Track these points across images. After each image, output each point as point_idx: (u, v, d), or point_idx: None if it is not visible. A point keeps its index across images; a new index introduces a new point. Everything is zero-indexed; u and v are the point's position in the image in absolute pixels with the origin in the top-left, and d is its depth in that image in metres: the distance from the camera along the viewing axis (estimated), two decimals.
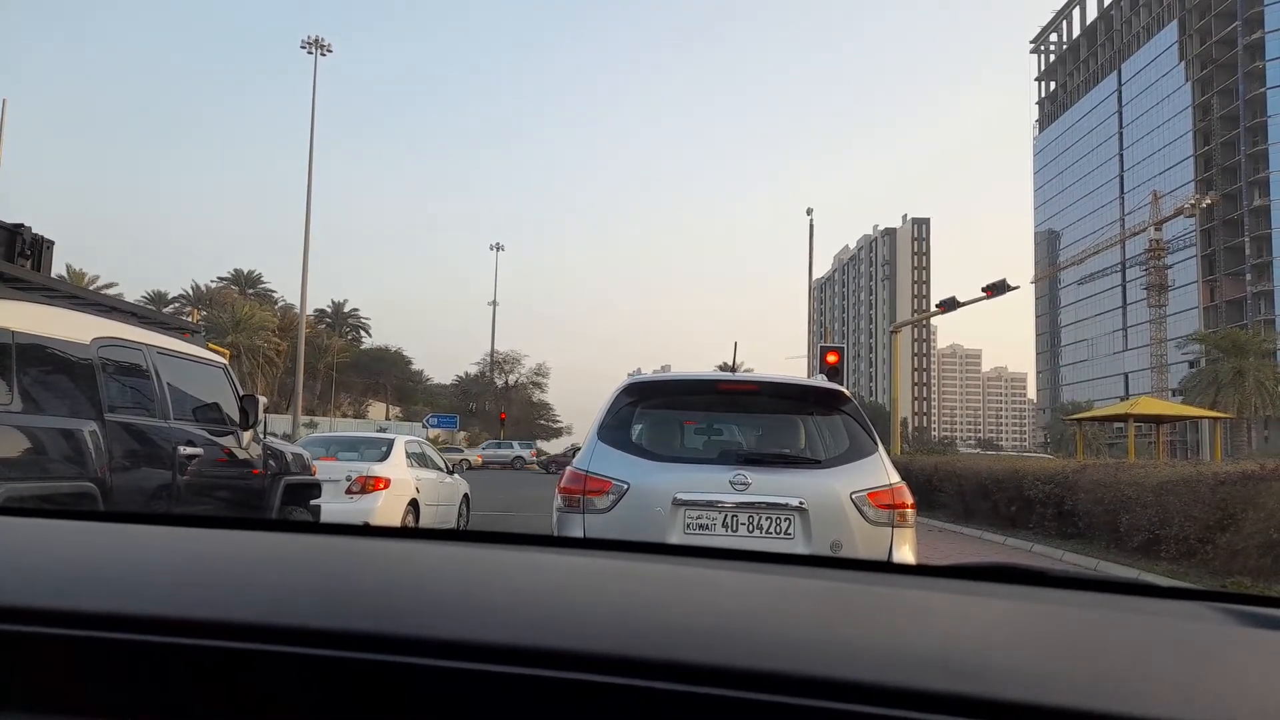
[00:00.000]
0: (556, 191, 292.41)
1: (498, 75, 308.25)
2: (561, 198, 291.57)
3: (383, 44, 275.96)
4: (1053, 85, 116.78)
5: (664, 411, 5.14)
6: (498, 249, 72.31)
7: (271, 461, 6.49)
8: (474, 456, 45.26)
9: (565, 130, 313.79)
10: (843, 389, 5.09)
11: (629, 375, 5.21)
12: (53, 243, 5.37)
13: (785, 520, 4.34)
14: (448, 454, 26.04)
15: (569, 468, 4.72)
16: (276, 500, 6.43)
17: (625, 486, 4.40)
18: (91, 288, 41.77)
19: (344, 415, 71.37)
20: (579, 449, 4.95)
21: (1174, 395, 67.97)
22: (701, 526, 4.35)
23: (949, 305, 24.18)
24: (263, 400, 6.28)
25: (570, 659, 0.62)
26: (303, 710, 0.64)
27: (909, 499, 4.53)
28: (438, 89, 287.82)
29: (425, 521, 10.42)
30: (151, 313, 6.54)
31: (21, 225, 5.15)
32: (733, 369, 5.54)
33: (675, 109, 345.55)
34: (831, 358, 16.92)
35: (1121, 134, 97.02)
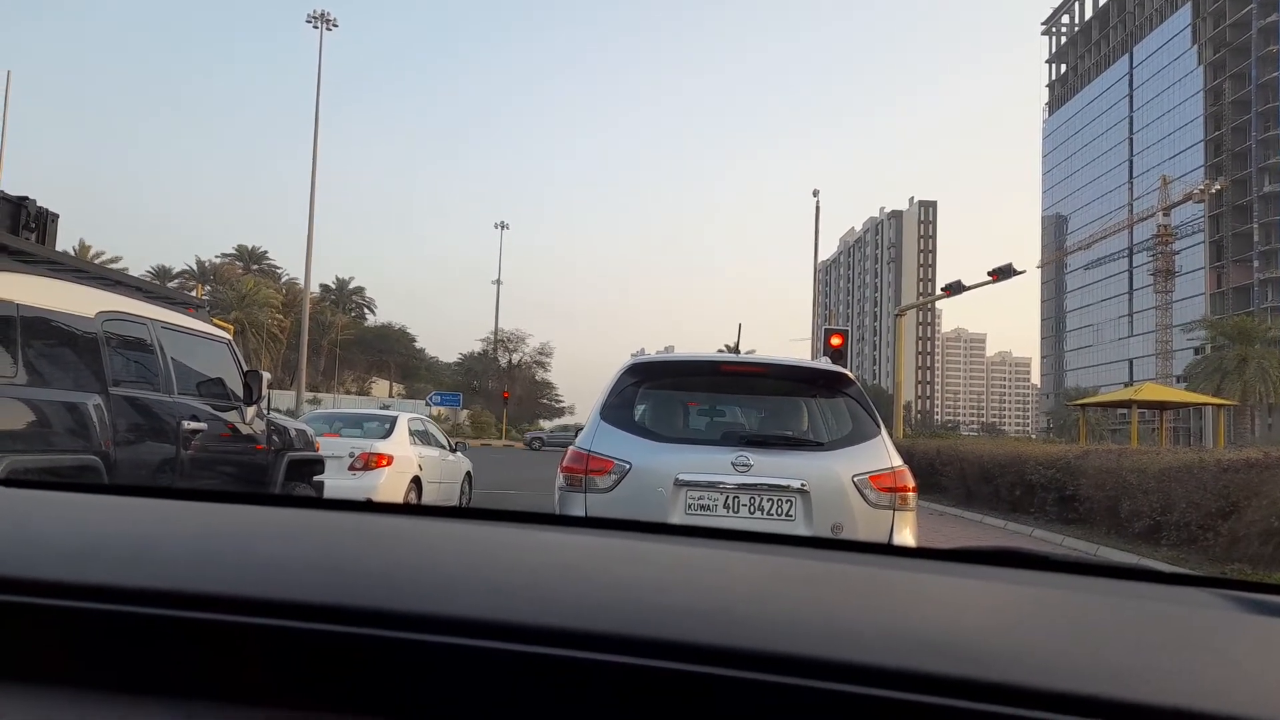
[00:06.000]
0: (561, 173, 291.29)
1: (504, 54, 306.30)
2: (566, 179, 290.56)
3: (389, 20, 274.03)
4: (1063, 68, 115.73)
5: (667, 392, 5.14)
6: (502, 228, 72.22)
7: (275, 437, 6.51)
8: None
9: (571, 111, 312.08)
10: (846, 371, 5.08)
11: (632, 356, 5.21)
12: (57, 216, 5.36)
13: (787, 502, 4.35)
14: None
15: (571, 447, 4.73)
16: (280, 476, 6.45)
17: (627, 466, 4.41)
18: (97, 262, 41.76)
19: (347, 392, 71.54)
20: (580, 428, 4.96)
21: (1178, 382, 67.83)
22: (703, 507, 4.36)
23: (954, 289, 24.09)
24: (266, 376, 6.28)
25: (571, 637, 0.62)
26: (305, 684, 0.64)
27: (911, 482, 4.53)
28: (443, 67, 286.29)
29: (428, 499, 10.47)
30: (156, 287, 6.54)
31: (26, 198, 5.14)
32: (736, 350, 5.53)
33: (682, 90, 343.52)
34: (835, 340, 16.89)
35: (1132, 118, 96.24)
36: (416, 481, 10.18)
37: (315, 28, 40.27)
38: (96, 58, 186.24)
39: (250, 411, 6.16)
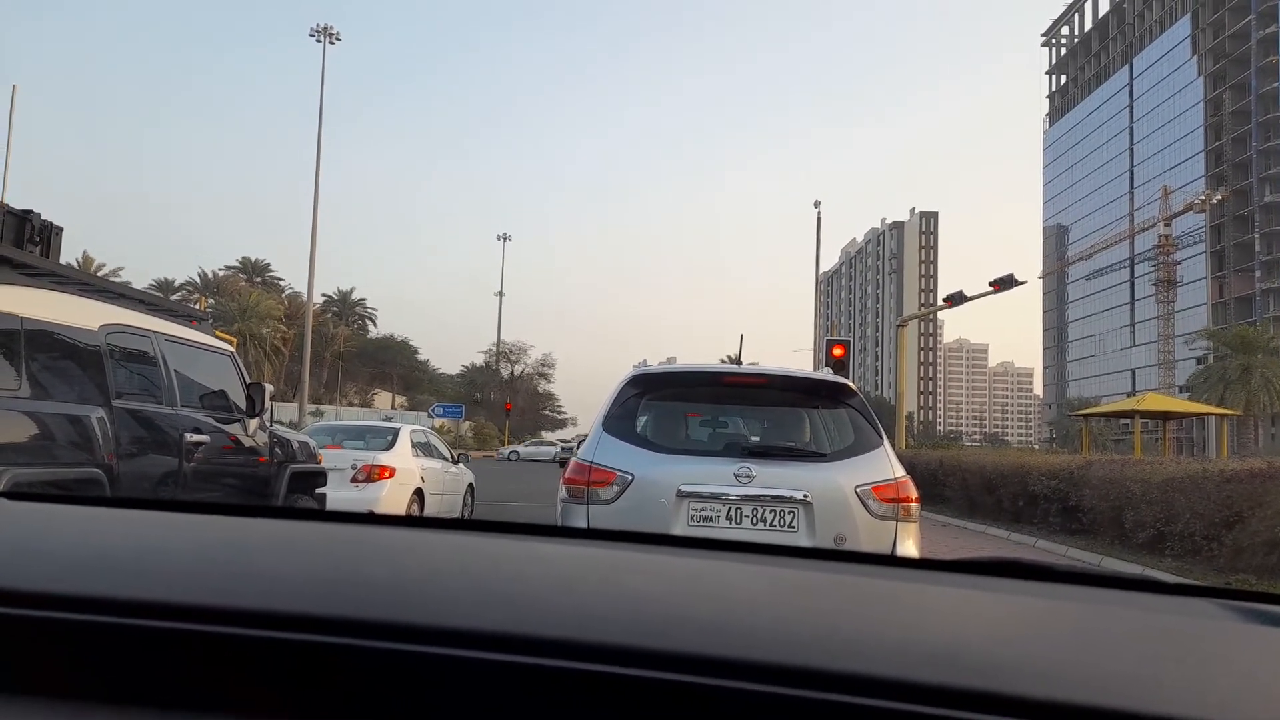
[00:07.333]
0: (563, 185, 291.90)
1: (506, 66, 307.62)
2: (568, 191, 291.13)
3: (391, 31, 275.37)
4: (1064, 79, 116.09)
5: (669, 403, 5.13)
6: (505, 239, 72.47)
7: (278, 449, 6.51)
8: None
9: (572, 123, 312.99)
10: (848, 382, 5.08)
11: (634, 367, 5.21)
12: (61, 229, 5.38)
13: (789, 513, 4.34)
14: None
15: (573, 459, 4.72)
16: (282, 488, 6.44)
17: (629, 478, 4.40)
18: (100, 274, 41.88)
19: (350, 404, 71.60)
20: (584, 438, 4.96)
21: (1181, 392, 67.72)
22: (705, 519, 4.35)
23: (956, 299, 24.08)
24: (269, 388, 6.28)
25: (574, 649, 0.62)
26: (308, 696, 0.64)
27: (913, 493, 4.52)
28: (447, 78, 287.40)
29: (430, 511, 10.44)
30: (159, 300, 6.55)
31: (30, 211, 5.16)
32: (738, 362, 5.53)
33: (683, 102, 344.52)
34: (837, 351, 16.88)
35: (1132, 129, 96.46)
36: (419, 493, 10.15)
37: (318, 41, 40.48)
38: (99, 70, 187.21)
39: (253, 424, 6.16)
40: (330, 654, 0.64)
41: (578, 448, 5.17)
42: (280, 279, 77.74)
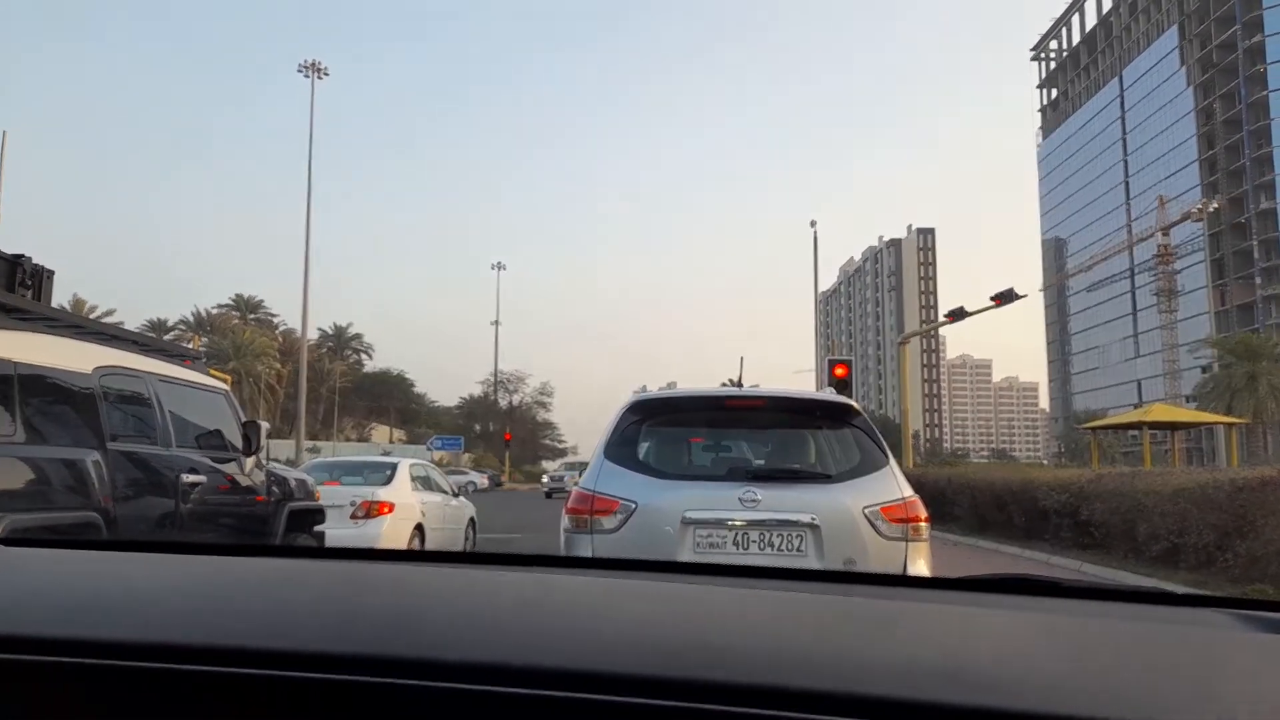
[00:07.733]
0: (558, 209, 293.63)
1: (496, 93, 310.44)
2: (563, 215, 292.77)
3: (385, 67, 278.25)
4: (1054, 93, 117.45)
5: (671, 429, 5.10)
6: (499, 269, 72.98)
7: (275, 488, 6.49)
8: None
9: (565, 148, 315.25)
10: (851, 402, 5.04)
11: (635, 393, 5.17)
12: (53, 273, 5.41)
13: (797, 537, 4.28)
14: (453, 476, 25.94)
15: (576, 487, 4.68)
16: (280, 526, 6.42)
17: (633, 506, 4.36)
18: (92, 316, 42.08)
19: (347, 439, 71.81)
20: (580, 465, 4.93)
21: (1188, 401, 67.74)
22: (711, 545, 4.29)
23: (957, 315, 24.18)
24: (265, 426, 6.27)
25: (581, 679, 0.62)
26: None
27: (923, 513, 4.47)
28: (441, 108, 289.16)
29: (431, 545, 10.40)
30: (153, 340, 6.56)
31: (22, 256, 5.18)
32: (739, 384, 5.50)
33: (677, 126, 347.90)
34: (839, 370, 16.89)
35: (1125, 140, 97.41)
36: (419, 528, 10.11)
37: (306, 77, 40.92)
38: (89, 109, 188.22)
39: (249, 462, 6.14)
40: (333, 691, 0.64)
41: (576, 476, 5.13)
42: (274, 315, 78.12)
